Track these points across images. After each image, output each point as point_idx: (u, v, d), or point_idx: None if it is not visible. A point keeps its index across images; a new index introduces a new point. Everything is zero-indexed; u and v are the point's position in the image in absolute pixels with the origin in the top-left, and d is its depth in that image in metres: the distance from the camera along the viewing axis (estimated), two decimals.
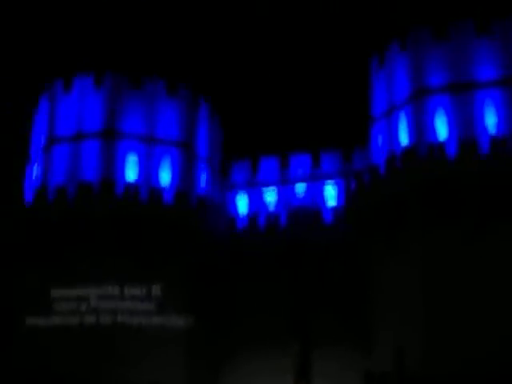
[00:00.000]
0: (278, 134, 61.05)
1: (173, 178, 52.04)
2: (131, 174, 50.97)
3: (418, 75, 47.72)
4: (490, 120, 45.33)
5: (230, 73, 63.34)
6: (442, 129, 46.00)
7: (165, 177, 51.80)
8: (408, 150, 45.83)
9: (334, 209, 52.68)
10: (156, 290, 48.21)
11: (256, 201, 55.74)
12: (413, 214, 44.55)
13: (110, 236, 48.76)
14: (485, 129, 45.07)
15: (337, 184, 53.66)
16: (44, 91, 54.68)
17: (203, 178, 54.37)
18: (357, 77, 53.86)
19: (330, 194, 53.80)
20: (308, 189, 54.81)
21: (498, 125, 45.08)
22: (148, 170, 51.48)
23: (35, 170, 53.05)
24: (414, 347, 40.07)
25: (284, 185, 55.70)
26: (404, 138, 47.30)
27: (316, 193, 54.36)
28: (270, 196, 55.51)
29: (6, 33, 65.49)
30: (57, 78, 53.83)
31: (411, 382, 34.23)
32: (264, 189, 55.90)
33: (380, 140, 49.40)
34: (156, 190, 50.36)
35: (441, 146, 44.97)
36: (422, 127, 46.55)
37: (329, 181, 54.20)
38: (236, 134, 59.94)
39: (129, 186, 50.03)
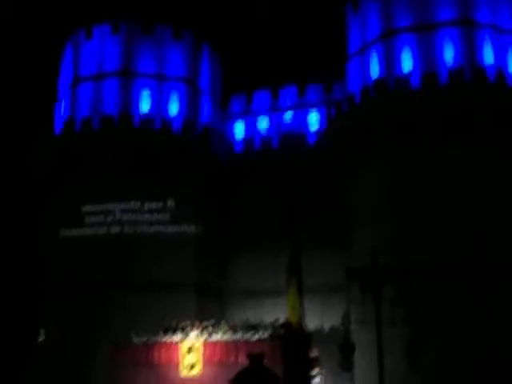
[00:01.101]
0: (269, 70, 61.52)
1: (180, 110, 52.81)
2: (145, 106, 51.82)
3: (387, 18, 48.07)
4: (449, 55, 46.02)
5: (227, 18, 63.98)
6: (407, 63, 46.69)
7: (173, 109, 52.60)
8: (379, 82, 46.88)
9: (317, 132, 53.56)
10: (170, 203, 49.04)
11: (251, 127, 56.41)
12: (382, 136, 45.59)
13: (130, 160, 49.54)
14: (444, 62, 45.80)
15: (319, 112, 54.30)
16: (68, 38, 54.87)
17: (206, 109, 55.09)
18: (335, 21, 54.07)
19: (314, 120, 54.65)
20: (295, 116, 55.51)
21: (455, 59, 45.76)
22: (159, 103, 52.18)
23: (63, 106, 53.51)
24: (385, 246, 40.63)
25: (275, 113, 56.23)
26: (375, 72, 48.03)
27: (302, 119, 55.15)
28: (263, 123, 56.27)
29: None
30: (79, 27, 54.06)
31: (384, 271, 35.99)
32: (258, 117, 56.52)
33: (355, 74, 49.96)
34: (167, 120, 51.41)
35: (406, 77, 45.73)
36: (390, 62, 47.13)
37: (313, 109, 54.90)
38: (233, 70, 60.16)
39: (144, 117, 51.01)
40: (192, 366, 37.73)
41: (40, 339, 51.39)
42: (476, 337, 40.58)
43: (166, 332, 39.55)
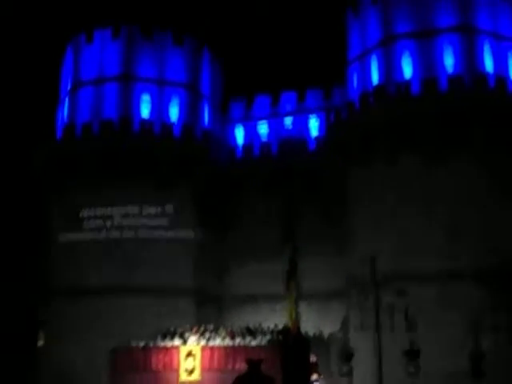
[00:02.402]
0: (269, 75, 61.59)
1: (180, 115, 52.67)
2: (145, 111, 51.71)
3: (387, 24, 48.07)
4: (448, 61, 46.00)
5: (228, 23, 64.12)
6: (407, 69, 46.61)
7: (174, 114, 52.47)
8: (378, 88, 46.78)
9: (316, 138, 53.49)
10: (169, 208, 48.85)
11: (251, 132, 56.25)
12: (382, 142, 45.59)
13: (130, 165, 49.43)
14: (444, 69, 45.77)
15: (319, 117, 54.13)
16: (69, 42, 54.73)
17: (206, 114, 55.01)
18: (336, 26, 53.98)
19: (314, 125, 54.58)
20: (295, 121, 55.38)
21: (455, 65, 45.77)
22: (159, 108, 52.07)
23: (64, 110, 53.40)
24: (385, 252, 41.35)
25: (274, 118, 56.09)
26: (375, 78, 47.96)
27: (302, 125, 55.02)
28: (263, 128, 56.15)
29: None
30: (80, 31, 53.96)
31: (383, 277, 35.98)
32: (258, 122, 56.39)
33: (355, 79, 50.01)
34: (167, 125, 51.29)
35: (406, 84, 45.59)
36: (390, 68, 47.07)
37: (312, 115, 54.77)
38: (234, 75, 60.11)
39: (144, 121, 50.91)
40: (190, 371, 37.66)
41: (39, 343, 51.47)
42: (475, 343, 40.48)
43: (164, 337, 39.58)
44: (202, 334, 39.08)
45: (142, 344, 39.47)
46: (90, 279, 48.43)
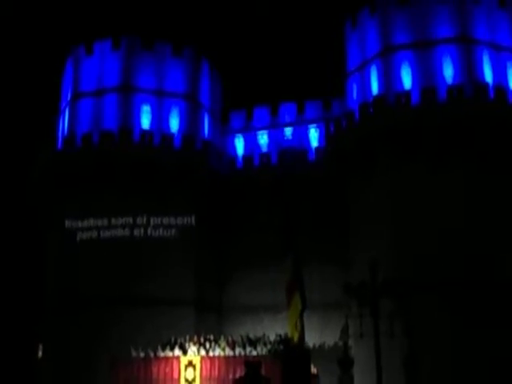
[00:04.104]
0: (268, 86, 61.95)
1: (180, 126, 52.82)
2: (145, 122, 51.91)
3: (386, 35, 48.50)
4: (448, 71, 46.41)
5: (227, 35, 64.41)
6: (406, 80, 46.99)
7: (174, 124, 52.65)
8: (378, 98, 46.93)
9: (316, 149, 53.63)
10: (169, 219, 48.81)
11: (251, 143, 56.42)
12: (382, 152, 45.85)
13: (130, 175, 49.58)
14: (443, 79, 46.14)
15: (319, 128, 54.20)
16: (69, 54, 54.96)
17: (206, 125, 55.11)
18: (334, 37, 54.39)
19: (313, 136, 54.64)
20: (294, 132, 55.50)
21: (454, 75, 46.18)
22: (160, 119, 52.26)
23: (64, 121, 53.53)
24: (385, 259, 41.08)
25: (274, 129, 56.24)
26: (375, 88, 48.29)
27: (301, 135, 55.11)
28: (263, 139, 56.30)
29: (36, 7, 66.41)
30: (80, 43, 54.22)
31: (383, 285, 35.86)
32: (257, 133, 56.53)
33: (355, 90, 50.32)
34: (167, 136, 51.32)
35: (406, 94, 45.82)
36: (389, 79, 47.43)
37: (312, 125, 54.87)
38: (233, 86, 60.50)
39: (144, 132, 50.99)
40: (191, 382, 37.59)
41: (39, 355, 51.45)
42: (474, 351, 40.62)
43: (164, 347, 39.57)
44: (203, 344, 39.05)
45: (142, 354, 39.41)
46: (90, 290, 48.27)
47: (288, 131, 55.81)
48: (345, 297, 43.00)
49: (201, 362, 37.98)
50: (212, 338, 40.01)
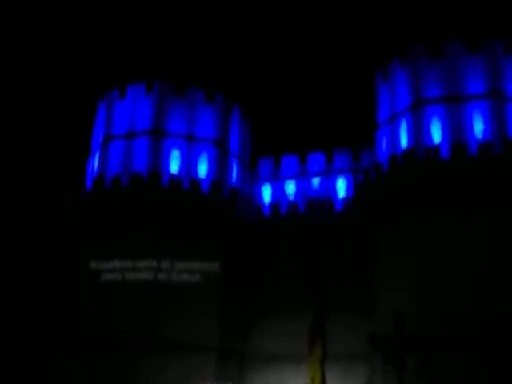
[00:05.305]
0: (297, 136, 61.93)
1: (209, 171, 53.22)
2: (174, 166, 52.31)
3: (416, 88, 48.89)
4: (478, 127, 46.59)
5: (258, 83, 64.75)
6: (436, 134, 47.25)
7: (202, 170, 53.01)
8: (407, 151, 47.13)
9: (344, 199, 53.67)
10: (195, 264, 48.40)
11: (278, 191, 56.64)
12: (410, 205, 45.75)
13: (158, 219, 49.49)
14: (473, 134, 46.29)
15: (347, 178, 54.52)
16: (102, 97, 55.78)
17: (234, 172, 55.56)
18: (365, 87, 54.57)
19: (341, 186, 54.75)
20: (322, 182, 55.72)
21: (485, 131, 46.32)
22: (189, 164, 52.67)
23: (95, 163, 54.00)
24: (411, 313, 41.04)
25: (302, 178, 56.53)
26: (404, 141, 48.53)
27: (329, 185, 55.27)
28: (291, 188, 56.51)
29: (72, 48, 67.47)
30: (113, 87, 55.01)
31: (408, 340, 35.34)
32: (285, 181, 56.76)
33: (384, 142, 50.60)
34: (195, 181, 51.56)
35: (436, 148, 46.03)
36: (419, 132, 47.66)
37: (340, 176, 55.08)
38: (263, 133, 60.67)
39: (173, 177, 51.24)
40: None
41: None
42: None
43: None
44: None
45: None
46: (117, 332, 47.82)
47: (316, 181, 55.98)
48: (368, 347, 42.68)
49: None
50: None
